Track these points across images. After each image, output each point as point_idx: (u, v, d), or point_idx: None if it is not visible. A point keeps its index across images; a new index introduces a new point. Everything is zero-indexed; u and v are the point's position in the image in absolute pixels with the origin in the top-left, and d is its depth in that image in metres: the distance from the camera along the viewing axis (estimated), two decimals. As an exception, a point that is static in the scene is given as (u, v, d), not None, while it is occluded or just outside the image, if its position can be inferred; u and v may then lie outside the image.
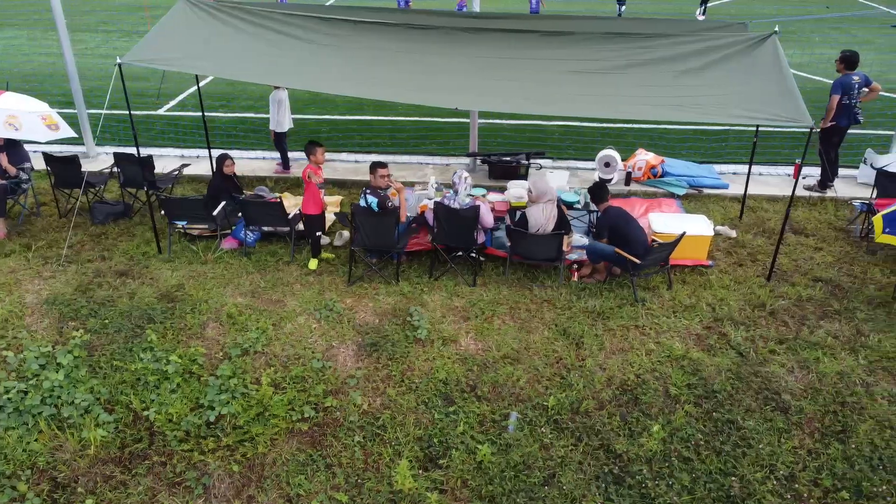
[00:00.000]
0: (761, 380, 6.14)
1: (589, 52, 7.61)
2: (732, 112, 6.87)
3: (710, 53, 7.43)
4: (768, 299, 7.06)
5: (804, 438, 5.70)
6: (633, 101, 7.12)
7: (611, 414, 5.92)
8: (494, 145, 11.12)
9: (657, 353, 6.40)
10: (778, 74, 7.06)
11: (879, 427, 5.72)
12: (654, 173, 9.55)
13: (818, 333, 6.61)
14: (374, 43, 7.81)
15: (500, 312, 6.94)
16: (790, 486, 5.36)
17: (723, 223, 8.63)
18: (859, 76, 8.74)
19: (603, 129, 11.85)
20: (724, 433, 5.72)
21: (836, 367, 6.21)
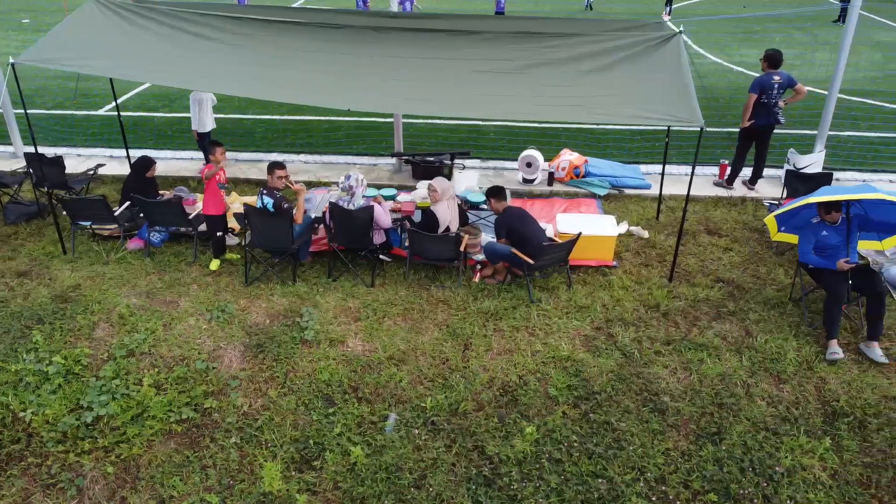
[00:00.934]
0: (643, 381, 6.10)
1: (494, 51, 7.57)
2: (629, 112, 6.84)
3: (614, 53, 7.40)
4: (664, 300, 7.02)
5: (679, 440, 5.66)
6: (532, 101, 7.08)
7: (488, 415, 5.87)
8: (428, 145, 11.10)
9: (543, 355, 6.36)
10: (677, 75, 7.03)
11: (754, 429, 5.69)
12: (576, 173, 9.51)
13: (707, 335, 6.57)
14: (281, 42, 7.77)
15: (393, 313, 6.90)
16: (659, 488, 5.31)
17: (638, 223, 8.59)
18: (780, 76, 8.71)
19: (541, 130, 11.82)
20: (599, 435, 5.68)
21: (719, 368, 6.18)
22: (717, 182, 9.52)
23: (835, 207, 6.37)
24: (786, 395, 5.96)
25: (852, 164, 10.28)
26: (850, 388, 5.99)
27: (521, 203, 9.17)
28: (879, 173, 9.99)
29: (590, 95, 7.04)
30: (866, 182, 9.71)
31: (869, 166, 10.21)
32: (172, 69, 7.50)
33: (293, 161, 10.46)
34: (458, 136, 11.58)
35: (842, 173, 9.99)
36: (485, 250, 7.21)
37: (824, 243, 6.51)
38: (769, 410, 5.83)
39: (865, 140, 11.39)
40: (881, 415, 5.76)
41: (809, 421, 5.75)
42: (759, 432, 5.66)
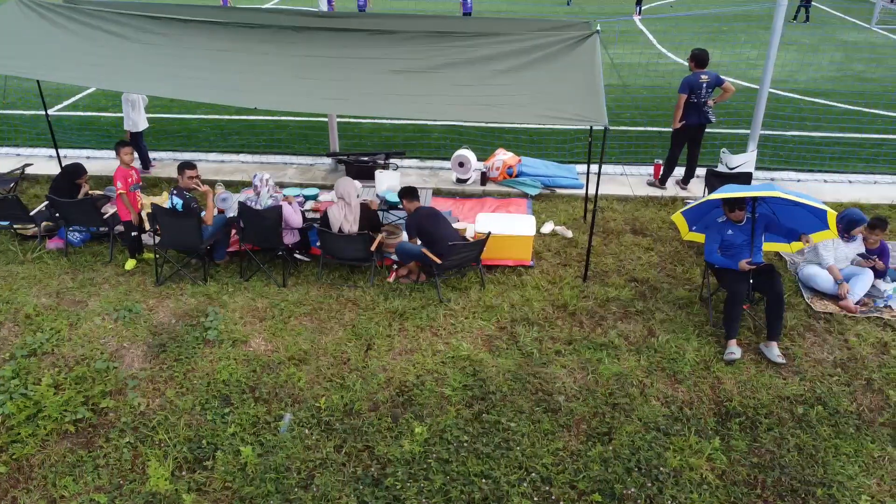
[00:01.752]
0: (539, 381, 6.08)
1: (413, 51, 7.57)
2: (538, 112, 6.84)
3: (530, 53, 7.39)
4: (573, 300, 7.01)
5: (570, 440, 5.64)
6: (444, 100, 7.08)
7: (382, 416, 5.86)
8: (371, 145, 11.08)
9: (443, 354, 6.35)
10: (590, 74, 7.03)
11: (645, 429, 5.67)
12: (509, 173, 9.50)
13: (610, 334, 6.56)
14: (200, 42, 7.76)
15: (300, 313, 6.88)
16: (543, 488, 5.30)
17: (565, 223, 8.58)
18: (708, 75, 8.69)
19: (486, 130, 11.80)
20: (489, 435, 5.66)
21: (616, 368, 6.16)
22: (651, 182, 9.51)
23: (738, 206, 6.36)
24: (680, 396, 5.94)
25: (790, 163, 10.26)
26: (744, 388, 5.98)
27: (454, 203, 9.17)
28: (816, 173, 9.97)
29: (501, 95, 7.03)
30: (801, 181, 9.71)
31: (809, 166, 10.18)
32: (91, 69, 7.49)
33: (231, 161, 10.45)
34: (403, 136, 11.57)
35: (777, 173, 9.99)
36: (396, 250, 7.20)
37: (729, 242, 6.50)
38: (662, 410, 5.81)
39: (809, 140, 11.37)
40: (772, 415, 5.75)
41: (701, 421, 5.73)
42: (649, 432, 5.64)
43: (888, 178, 9.80)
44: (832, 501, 5.13)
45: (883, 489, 5.22)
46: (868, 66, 16.37)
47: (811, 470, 5.34)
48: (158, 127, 12.02)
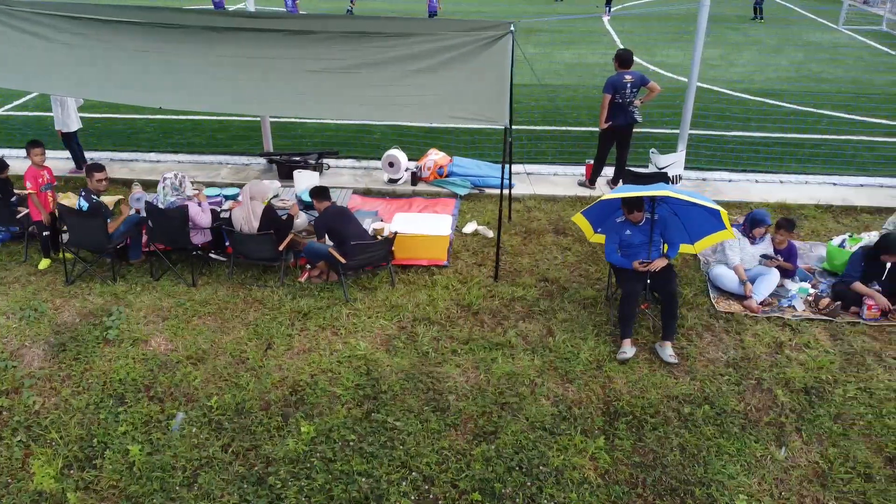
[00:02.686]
0: (432, 380, 6.09)
1: (330, 51, 7.55)
2: (444, 112, 6.86)
3: (444, 53, 7.38)
4: (478, 300, 7.02)
5: (456, 439, 5.65)
6: (356, 100, 7.10)
7: (273, 415, 5.87)
8: (311, 144, 11.09)
9: (340, 354, 6.36)
10: (499, 74, 7.04)
11: (531, 428, 5.68)
12: (440, 173, 9.51)
13: (509, 334, 6.57)
14: (116, 42, 7.74)
15: (204, 313, 6.89)
16: (424, 487, 5.31)
17: (489, 223, 8.59)
18: (632, 75, 8.71)
19: (428, 129, 11.80)
20: (376, 434, 5.67)
21: (509, 367, 6.17)
22: (581, 182, 9.53)
23: (636, 207, 6.37)
24: (570, 395, 5.95)
25: (725, 164, 10.28)
26: (634, 387, 5.99)
27: (384, 203, 9.18)
28: (749, 173, 9.99)
29: (412, 95, 7.05)
30: (732, 182, 9.73)
31: (744, 166, 10.20)
32: (5, 70, 7.50)
33: (167, 161, 10.46)
34: (345, 136, 11.57)
35: (709, 173, 10.01)
36: (305, 250, 7.21)
37: (628, 242, 6.51)
38: (550, 410, 5.82)
39: (750, 140, 11.39)
40: (659, 414, 5.76)
41: (588, 421, 5.74)
42: (535, 431, 5.65)
43: (819, 178, 9.82)
44: (710, 500, 5.15)
45: (763, 489, 5.23)
46: (826, 66, 16.40)
47: (691, 469, 5.35)
48: (104, 127, 12.04)
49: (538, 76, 12.61)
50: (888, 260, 6.53)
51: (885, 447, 5.47)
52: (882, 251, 6.54)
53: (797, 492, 5.22)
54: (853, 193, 9.34)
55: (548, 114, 12.87)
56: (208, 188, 8.27)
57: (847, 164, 10.28)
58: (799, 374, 6.07)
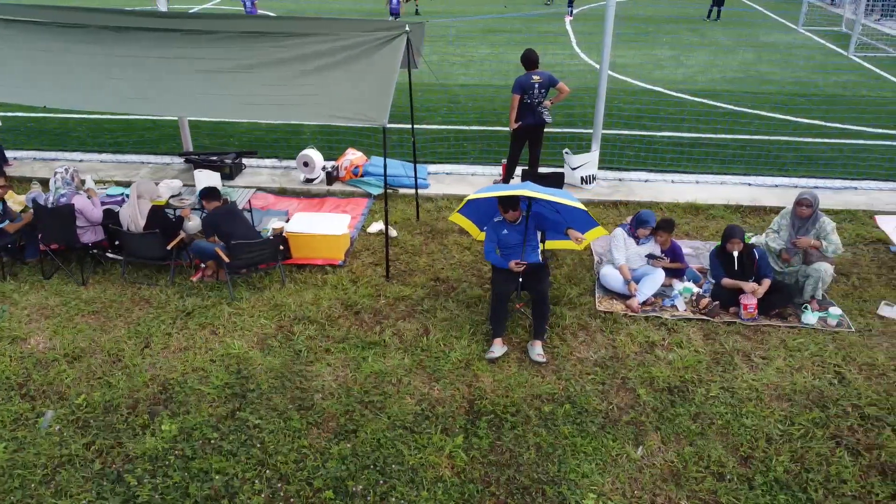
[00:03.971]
0: (301, 379, 6.12)
1: (226, 51, 7.58)
2: (327, 112, 6.88)
3: (339, 53, 7.42)
4: (363, 299, 7.05)
5: (316, 438, 5.67)
6: (243, 100, 7.11)
7: (140, 413, 5.88)
8: (237, 144, 11.11)
9: (214, 353, 6.38)
10: (386, 74, 7.08)
11: (391, 426, 5.70)
12: (355, 173, 9.54)
13: (386, 333, 6.59)
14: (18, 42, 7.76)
15: (89, 311, 6.91)
16: (279, 485, 5.32)
17: (397, 223, 8.61)
18: (540, 76, 8.72)
19: (359, 129, 11.82)
20: (238, 432, 5.69)
21: (379, 366, 6.20)
22: (497, 181, 9.54)
23: (511, 206, 6.39)
24: (434, 394, 5.98)
25: (646, 164, 10.30)
26: (499, 386, 6.01)
27: (298, 202, 9.21)
28: (667, 173, 10.02)
29: (302, 94, 7.08)
30: (649, 182, 9.75)
31: (667, 167, 10.23)
32: None
33: (90, 160, 10.48)
34: (275, 136, 11.58)
35: (626, 173, 10.04)
36: (193, 249, 7.23)
37: (505, 242, 6.54)
38: (414, 408, 5.84)
39: (678, 140, 11.42)
40: (520, 413, 5.79)
41: (450, 419, 5.76)
42: (395, 430, 5.67)
43: (737, 178, 9.85)
44: (560, 499, 5.17)
45: (615, 487, 5.25)
46: (774, 67, 16.43)
47: (545, 468, 5.37)
48: (37, 126, 12.07)
49: (436, 76, 12.59)
50: (733, 248, 6.58)
51: (740, 447, 5.50)
52: (725, 241, 6.60)
53: (650, 490, 5.24)
54: (766, 193, 9.38)
55: (485, 114, 12.90)
56: (113, 187, 8.28)
57: (768, 165, 10.31)
58: (665, 373, 6.10)
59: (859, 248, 8.21)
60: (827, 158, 10.67)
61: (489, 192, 6.22)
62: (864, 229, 8.59)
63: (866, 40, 18.87)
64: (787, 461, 5.36)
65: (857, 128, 12.13)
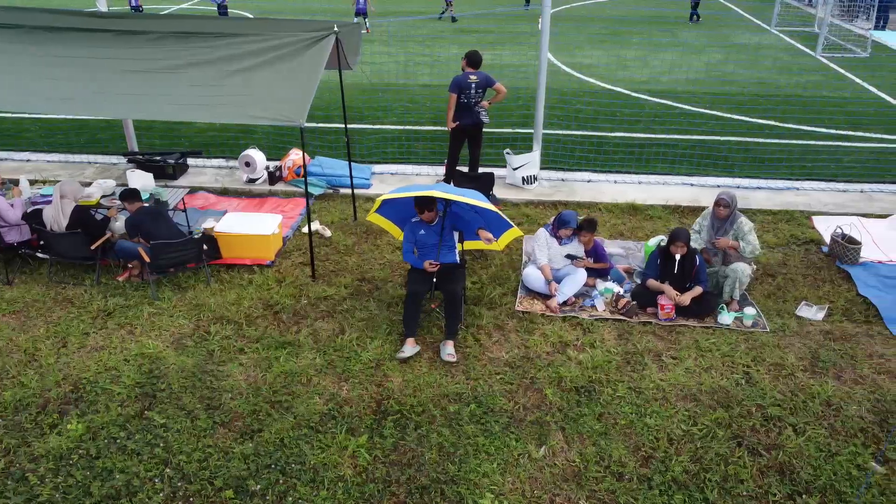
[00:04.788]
0: (212, 378, 6.13)
1: (156, 51, 7.60)
2: (248, 112, 6.91)
3: (267, 53, 7.45)
4: (284, 299, 7.06)
5: (223, 437, 5.68)
6: (167, 100, 7.13)
7: (50, 412, 5.89)
8: (187, 144, 11.13)
9: (129, 352, 6.39)
10: (311, 74, 7.10)
11: (297, 426, 5.71)
12: (297, 172, 9.55)
13: (302, 332, 6.61)
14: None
15: (9, 311, 6.92)
16: (180, 484, 5.33)
17: (333, 223, 8.63)
18: (478, 76, 8.73)
19: (309, 130, 11.84)
20: (144, 431, 5.70)
21: (290, 366, 6.21)
22: (438, 182, 9.55)
23: (426, 207, 6.41)
24: (343, 393, 5.99)
25: (594, 164, 10.32)
26: (408, 386, 6.03)
27: (239, 202, 9.22)
28: (611, 174, 10.04)
29: (227, 94, 7.10)
30: (592, 182, 9.77)
31: (614, 167, 10.25)
32: None
33: (37, 160, 10.50)
34: (228, 136, 11.59)
35: (570, 173, 10.06)
36: (116, 249, 7.24)
37: (423, 242, 6.56)
38: (321, 408, 5.85)
39: (630, 141, 11.45)
40: (425, 413, 5.80)
41: (356, 419, 5.77)
42: (300, 430, 5.68)
43: (680, 179, 9.88)
44: (458, 498, 5.18)
45: (515, 487, 5.26)
46: (740, 68, 16.45)
47: (445, 467, 5.38)
48: (-9, 125, 12.10)
49: (369, 78, 12.58)
50: (677, 251, 6.58)
51: (642, 446, 5.52)
52: (670, 243, 6.60)
53: (550, 490, 5.25)
54: (706, 194, 9.39)
55: (440, 114, 12.87)
56: (48, 187, 8.29)
57: (715, 166, 10.32)
58: (574, 373, 6.11)
59: (792, 248, 8.23)
60: (776, 159, 10.69)
61: (401, 193, 6.24)
62: (799, 230, 8.62)
63: (835, 41, 18.89)
64: (687, 461, 5.37)
65: (810, 128, 12.16)
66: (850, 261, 7.73)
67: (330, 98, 12.38)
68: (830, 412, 5.76)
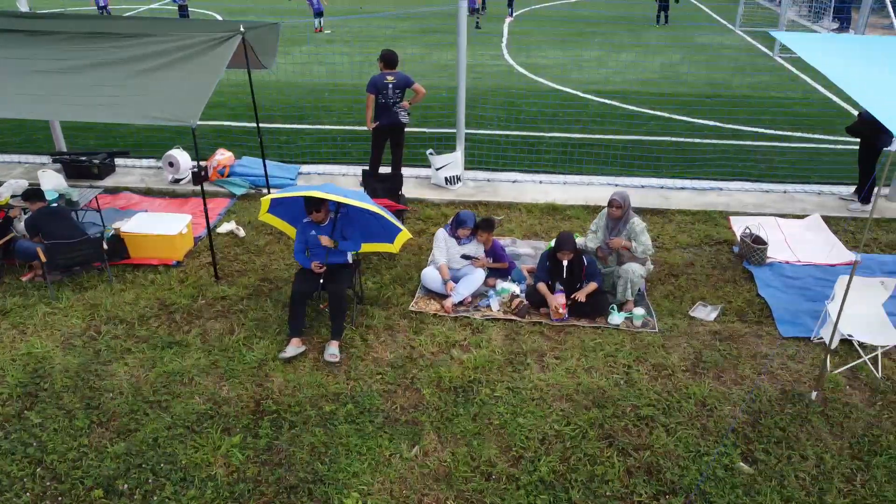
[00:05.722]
0: (95, 378, 6.14)
1: (65, 51, 7.62)
2: (144, 113, 6.91)
3: (173, 53, 7.47)
4: (181, 299, 7.08)
5: (99, 437, 5.69)
6: (69, 100, 7.15)
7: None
8: (123, 144, 11.14)
9: (18, 352, 6.40)
10: (210, 75, 7.12)
11: (173, 425, 5.72)
12: (221, 173, 9.57)
13: (192, 332, 6.62)
14: None
15: None
16: (50, 483, 5.34)
17: (250, 222, 8.64)
18: (395, 76, 8.75)
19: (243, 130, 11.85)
20: (22, 431, 5.71)
21: (175, 365, 6.23)
22: (362, 184, 9.54)
23: (315, 208, 6.42)
24: (223, 393, 6.00)
25: (522, 164, 10.34)
26: (289, 386, 6.04)
27: (162, 202, 9.23)
28: (538, 174, 10.07)
29: (128, 95, 7.11)
30: (517, 182, 9.79)
31: (542, 167, 10.26)
32: None
33: (-34, 160, 10.52)
34: (164, 136, 11.58)
35: (496, 174, 10.08)
36: (16, 249, 7.25)
37: (314, 242, 6.57)
38: (200, 408, 5.86)
39: (566, 142, 11.46)
40: (302, 413, 5.81)
41: (233, 419, 5.78)
42: (176, 429, 5.69)
43: (606, 179, 9.89)
44: (325, 498, 5.19)
45: (384, 487, 5.27)
46: (696, 68, 16.48)
47: (314, 467, 5.39)
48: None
49: (274, 73, 12.44)
50: (563, 258, 6.59)
51: (513, 446, 5.53)
52: (556, 249, 6.61)
53: (419, 490, 5.26)
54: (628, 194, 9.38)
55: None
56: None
57: (645, 166, 10.33)
58: (455, 373, 6.13)
59: (703, 248, 8.25)
60: (708, 160, 10.70)
61: (287, 193, 6.26)
62: (715, 230, 8.63)
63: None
64: (556, 461, 5.38)
65: (751, 129, 12.18)
66: (756, 261, 7.75)
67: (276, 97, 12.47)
68: (704, 412, 5.78)
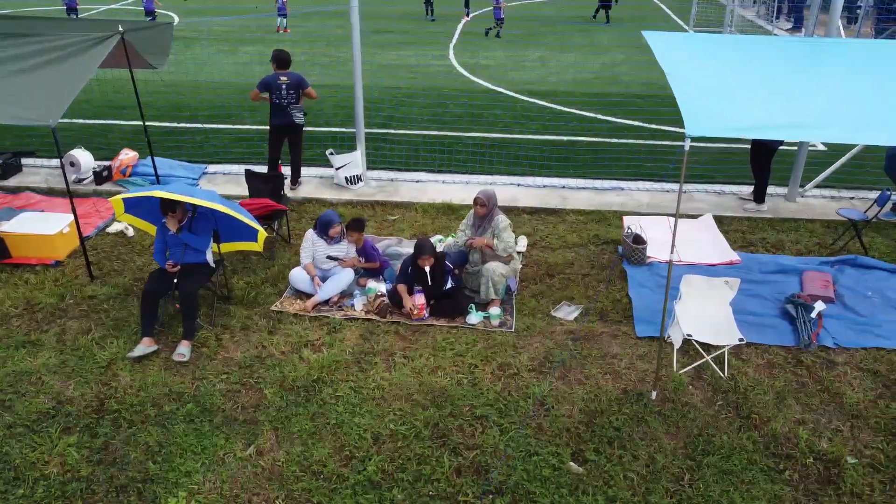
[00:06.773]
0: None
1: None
2: (8, 112, 6.93)
3: (51, 52, 7.48)
4: (50, 298, 7.11)
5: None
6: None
7: None
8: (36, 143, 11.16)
9: None
10: (80, 74, 7.14)
11: (13, 425, 5.74)
12: (123, 173, 9.59)
13: (50, 332, 6.65)
14: None
15: None
16: None
17: (144, 222, 8.66)
18: (288, 76, 8.78)
19: (165, 130, 11.88)
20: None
21: (24, 365, 6.26)
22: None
23: (168, 209, 6.45)
24: (68, 392, 6.02)
25: (430, 165, 10.36)
26: (134, 385, 6.06)
27: (63, 202, 9.23)
28: (443, 174, 10.10)
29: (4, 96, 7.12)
30: (420, 182, 9.80)
31: (451, 167, 10.29)
32: None
33: None
34: (83, 134, 11.60)
35: (398, 173, 10.11)
36: None
37: (172, 242, 6.60)
38: (43, 407, 5.88)
39: (480, 141, 11.49)
40: (142, 412, 5.83)
41: (73, 418, 5.79)
42: (16, 429, 5.71)
43: (511, 179, 9.92)
44: (153, 497, 5.21)
45: (214, 486, 5.28)
46: (635, 69, 16.49)
47: (145, 466, 5.41)
48: None
49: (160, 75, 12.40)
50: (424, 264, 6.62)
51: (346, 446, 5.55)
52: (416, 256, 6.63)
53: (249, 489, 5.28)
54: (527, 194, 9.44)
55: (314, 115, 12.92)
56: None
57: (553, 167, 10.34)
58: (301, 373, 6.15)
59: (589, 248, 8.28)
60: (619, 159, 10.72)
61: (136, 192, 6.28)
62: (606, 230, 8.66)
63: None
64: (386, 460, 5.40)
65: (672, 129, 12.21)
66: (636, 261, 7.78)
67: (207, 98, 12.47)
68: (541, 412, 5.80)
